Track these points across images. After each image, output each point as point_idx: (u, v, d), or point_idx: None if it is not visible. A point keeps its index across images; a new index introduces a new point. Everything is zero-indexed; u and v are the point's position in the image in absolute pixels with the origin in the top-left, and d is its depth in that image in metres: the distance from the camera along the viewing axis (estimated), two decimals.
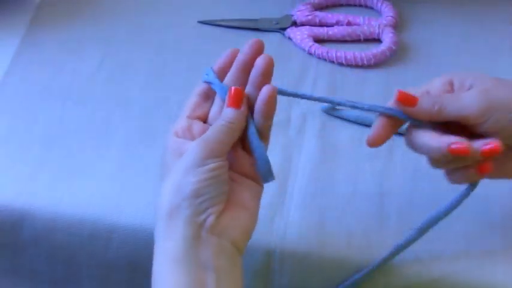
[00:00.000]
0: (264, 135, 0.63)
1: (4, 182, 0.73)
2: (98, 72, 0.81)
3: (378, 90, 0.80)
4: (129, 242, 0.70)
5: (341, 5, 0.88)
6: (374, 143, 0.64)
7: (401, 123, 0.64)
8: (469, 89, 0.63)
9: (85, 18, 0.86)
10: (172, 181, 0.60)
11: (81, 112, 0.78)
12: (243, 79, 0.63)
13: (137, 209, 0.71)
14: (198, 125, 0.64)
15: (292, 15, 0.86)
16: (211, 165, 0.60)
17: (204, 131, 0.63)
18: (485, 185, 0.72)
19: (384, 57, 0.82)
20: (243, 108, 0.62)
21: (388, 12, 0.86)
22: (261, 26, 0.86)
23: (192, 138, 0.63)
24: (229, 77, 0.64)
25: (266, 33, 0.86)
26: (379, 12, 0.87)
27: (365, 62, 0.82)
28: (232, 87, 0.62)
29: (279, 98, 0.77)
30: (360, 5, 0.88)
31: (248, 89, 0.63)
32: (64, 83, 0.80)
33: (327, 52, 0.82)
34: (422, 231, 0.66)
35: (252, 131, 0.63)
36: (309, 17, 0.86)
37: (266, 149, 0.63)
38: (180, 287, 0.58)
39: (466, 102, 0.61)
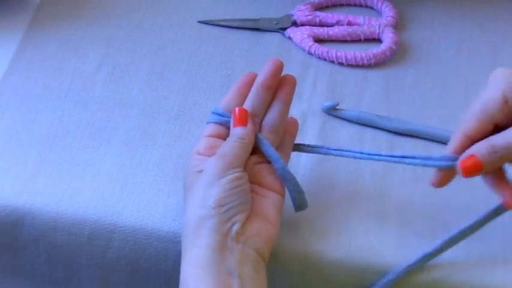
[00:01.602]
0: (287, 151, 0.69)
1: (4, 182, 0.72)
2: (98, 72, 0.81)
3: (378, 90, 0.80)
4: (129, 242, 0.70)
5: (341, 5, 0.88)
6: (439, 185, 0.66)
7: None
8: None
9: (85, 18, 0.86)
10: (196, 195, 0.64)
11: (81, 112, 0.78)
12: (264, 98, 0.68)
13: (137, 209, 0.71)
14: (220, 143, 0.68)
15: (292, 15, 0.86)
16: (231, 176, 0.63)
17: None
18: (485, 185, 0.72)
19: (384, 57, 0.82)
20: (249, 124, 0.66)
21: (388, 12, 0.86)
22: (261, 26, 0.86)
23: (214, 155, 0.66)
24: (250, 99, 0.68)
25: (266, 33, 0.86)
26: (379, 12, 0.87)
27: (365, 62, 0.82)
28: (237, 109, 0.67)
29: None
30: (360, 5, 0.88)
31: (274, 108, 0.68)
32: (64, 83, 0.80)
33: (327, 52, 0.82)
34: (452, 241, 0.67)
35: (281, 166, 0.67)
36: (309, 17, 0.86)
37: (287, 162, 0.68)
38: None
39: None
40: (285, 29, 0.85)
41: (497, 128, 0.62)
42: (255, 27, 0.86)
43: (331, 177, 0.72)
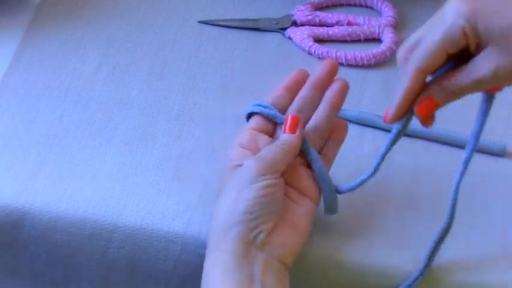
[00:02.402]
0: (330, 158, 0.68)
1: (4, 182, 0.72)
2: (98, 72, 0.81)
3: (378, 90, 0.80)
4: (129, 242, 0.70)
5: (341, 5, 0.88)
6: (395, 120, 0.63)
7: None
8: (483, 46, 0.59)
9: (85, 18, 0.86)
10: (228, 195, 0.63)
11: (81, 112, 0.78)
12: (314, 98, 0.68)
13: (137, 209, 0.71)
14: (264, 139, 0.67)
15: (292, 15, 0.86)
16: (266, 182, 0.62)
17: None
18: (485, 185, 0.72)
19: (383, 57, 0.82)
20: (298, 132, 0.66)
21: (388, 12, 0.86)
22: (261, 26, 0.86)
23: (257, 151, 0.65)
24: (300, 97, 0.68)
25: (266, 33, 0.86)
26: (379, 12, 0.87)
27: (365, 62, 0.82)
28: (290, 116, 0.66)
29: None
30: (360, 5, 0.88)
31: (321, 109, 0.67)
32: (64, 83, 0.80)
33: (327, 52, 0.82)
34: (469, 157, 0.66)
35: (319, 166, 0.66)
36: (309, 17, 0.86)
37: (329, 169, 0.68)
38: None
39: (479, 75, 0.59)
40: (285, 29, 0.85)
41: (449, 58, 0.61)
42: (255, 27, 0.86)
43: (331, 177, 0.72)
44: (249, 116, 0.69)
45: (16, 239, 0.72)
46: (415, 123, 0.69)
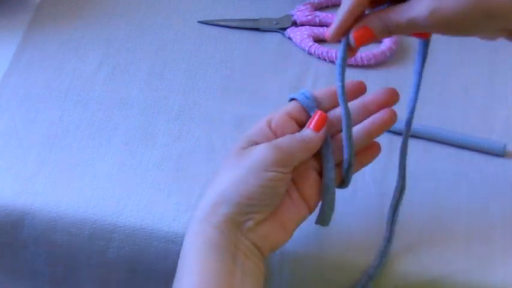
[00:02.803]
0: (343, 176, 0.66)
1: (4, 182, 0.73)
2: (98, 72, 0.81)
3: None
4: (129, 242, 0.70)
5: None
6: (333, 38, 0.63)
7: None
8: None
9: (85, 18, 0.86)
10: (233, 174, 0.62)
11: (81, 112, 0.78)
12: (359, 117, 0.66)
13: (137, 209, 0.71)
14: (292, 126, 0.65)
15: (292, 15, 0.86)
16: (275, 174, 0.62)
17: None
18: (485, 185, 0.72)
19: (383, 57, 0.82)
20: (322, 132, 0.64)
21: None
22: (261, 26, 0.86)
23: (280, 136, 0.64)
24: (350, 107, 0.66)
25: (266, 33, 0.86)
26: None
27: (365, 62, 0.82)
28: (319, 112, 0.65)
29: (282, 94, 0.78)
30: None
31: (356, 130, 0.65)
32: (64, 83, 0.80)
33: (327, 52, 0.82)
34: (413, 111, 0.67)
35: (330, 177, 0.65)
36: (309, 17, 0.86)
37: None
38: (209, 271, 0.60)
39: (414, 14, 0.59)
40: (285, 29, 0.85)
41: None
42: (255, 27, 0.86)
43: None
44: (291, 101, 0.67)
45: (16, 239, 0.72)
46: (415, 125, 0.69)
